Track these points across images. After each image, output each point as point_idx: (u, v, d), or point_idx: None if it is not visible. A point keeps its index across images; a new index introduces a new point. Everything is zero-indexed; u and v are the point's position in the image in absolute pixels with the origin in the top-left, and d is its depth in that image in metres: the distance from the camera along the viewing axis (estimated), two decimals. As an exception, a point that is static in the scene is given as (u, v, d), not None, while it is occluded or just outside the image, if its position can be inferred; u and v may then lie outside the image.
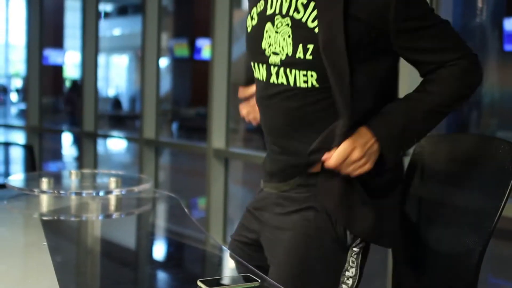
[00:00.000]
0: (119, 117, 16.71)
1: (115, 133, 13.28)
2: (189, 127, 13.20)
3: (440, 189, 1.68)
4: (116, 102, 19.20)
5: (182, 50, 15.31)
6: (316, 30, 1.39)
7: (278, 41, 1.46)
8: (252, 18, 1.56)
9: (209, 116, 4.55)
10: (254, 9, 1.55)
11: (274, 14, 1.48)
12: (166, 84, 16.20)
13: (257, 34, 1.53)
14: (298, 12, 1.43)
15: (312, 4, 1.41)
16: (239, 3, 17.55)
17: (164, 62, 17.37)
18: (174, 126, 14.03)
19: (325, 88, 1.42)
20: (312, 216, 1.47)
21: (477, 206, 1.57)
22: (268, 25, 1.49)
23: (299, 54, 1.42)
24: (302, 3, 1.43)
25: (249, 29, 1.57)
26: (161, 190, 2.41)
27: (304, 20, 1.42)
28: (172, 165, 10.05)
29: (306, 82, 1.43)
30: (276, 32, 1.47)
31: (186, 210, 1.98)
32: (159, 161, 5.31)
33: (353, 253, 1.48)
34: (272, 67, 1.48)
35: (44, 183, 2.01)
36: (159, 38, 5.22)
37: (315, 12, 1.40)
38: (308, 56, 1.41)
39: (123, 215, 2.10)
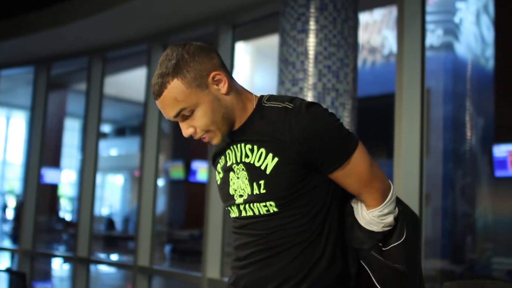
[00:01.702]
0: (112, 237, 16.52)
1: (108, 256, 13.11)
2: (183, 250, 13.05)
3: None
4: (109, 222, 19.06)
5: (177, 172, 15.46)
6: (262, 167, 1.62)
7: (240, 185, 1.68)
8: (218, 173, 1.79)
9: (204, 242, 4.55)
10: (218, 165, 1.79)
11: (232, 164, 1.71)
12: (160, 206, 16.20)
13: (224, 184, 1.75)
14: (248, 157, 1.66)
15: (255, 147, 1.64)
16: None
17: (159, 183, 17.48)
18: (167, 248, 13.87)
19: (285, 211, 1.62)
20: None
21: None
22: (231, 174, 1.71)
23: (255, 190, 1.63)
24: (249, 149, 1.66)
25: (218, 182, 1.80)
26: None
27: (252, 161, 1.64)
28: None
29: (268, 210, 1.63)
30: (238, 178, 1.69)
31: None
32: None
33: None
34: (240, 205, 1.69)
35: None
36: (157, 160, 5.31)
37: (258, 154, 1.63)
38: (262, 190, 1.62)
39: None
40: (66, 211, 24.32)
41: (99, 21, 5.33)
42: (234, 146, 1.69)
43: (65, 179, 23.49)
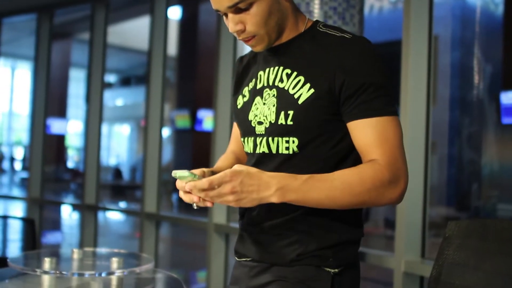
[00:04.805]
0: (120, 187, 16.72)
1: (116, 205, 13.29)
2: (190, 198, 13.18)
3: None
4: (117, 171, 19.23)
5: (183, 121, 15.47)
6: (296, 96, 1.46)
7: (263, 111, 1.52)
8: (243, 96, 1.62)
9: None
10: (246, 88, 1.62)
11: (263, 88, 1.55)
12: (167, 154, 16.29)
13: (246, 108, 1.59)
14: (282, 82, 1.50)
15: (294, 74, 1.48)
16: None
17: (166, 132, 17.54)
18: (174, 197, 14.03)
19: (304, 156, 1.47)
20: None
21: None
22: (257, 98, 1.56)
23: (281, 120, 1.47)
24: (286, 73, 1.50)
25: (239, 106, 1.63)
26: (162, 270, 2.36)
27: (286, 87, 1.48)
28: (173, 237, 9.99)
29: (288, 148, 1.48)
30: (264, 103, 1.53)
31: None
32: (159, 234, 5.28)
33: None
34: (257, 138, 1.54)
35: (46, 263, 1.99)
36: (162, 109, 5.28)
37: (295, 81, 1.47)
38: (289, 122, 1.46)
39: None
40: (73, 162, 24.53)
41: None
42: (271, 68, 1.54)
43: (72, 129, 23.60)
